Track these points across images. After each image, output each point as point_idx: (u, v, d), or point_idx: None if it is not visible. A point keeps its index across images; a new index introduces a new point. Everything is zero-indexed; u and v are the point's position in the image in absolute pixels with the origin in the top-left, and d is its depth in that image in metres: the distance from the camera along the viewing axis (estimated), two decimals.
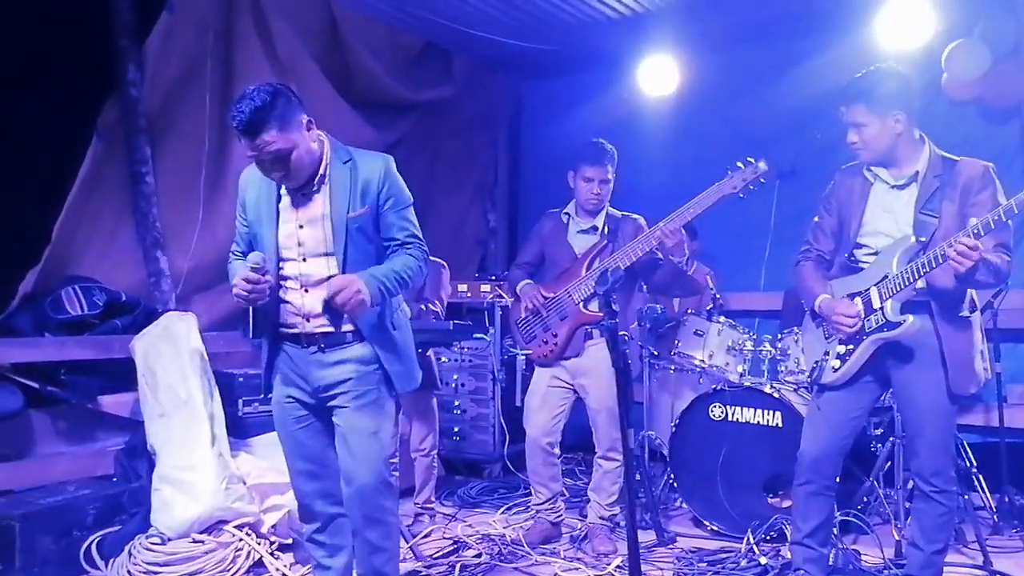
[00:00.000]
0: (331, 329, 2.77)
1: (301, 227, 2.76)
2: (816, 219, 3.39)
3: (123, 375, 4.26)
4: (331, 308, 2.71)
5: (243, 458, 4.13)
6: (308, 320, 2.78)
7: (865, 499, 4.20)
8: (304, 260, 2.76)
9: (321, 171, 2.77)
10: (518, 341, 4.23)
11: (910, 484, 3.86)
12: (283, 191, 2.79)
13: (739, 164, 3.76)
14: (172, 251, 4.70)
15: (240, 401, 4.46)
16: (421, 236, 2.89)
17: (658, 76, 5.84)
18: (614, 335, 2.48)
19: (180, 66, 4.66)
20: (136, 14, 4.46)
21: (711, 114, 5.95)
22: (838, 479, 3.25)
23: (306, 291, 2.77)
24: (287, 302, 2.80)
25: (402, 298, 2.97)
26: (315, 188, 2.77)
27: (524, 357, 4.95)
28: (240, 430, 4.35)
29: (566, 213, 4.16)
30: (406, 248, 2.83)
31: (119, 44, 4.43)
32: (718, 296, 4.68)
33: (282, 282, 2.79)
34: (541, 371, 4.13)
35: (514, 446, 5.30)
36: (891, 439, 4.02)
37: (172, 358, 4.04)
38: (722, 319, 4.49)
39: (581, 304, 3.96)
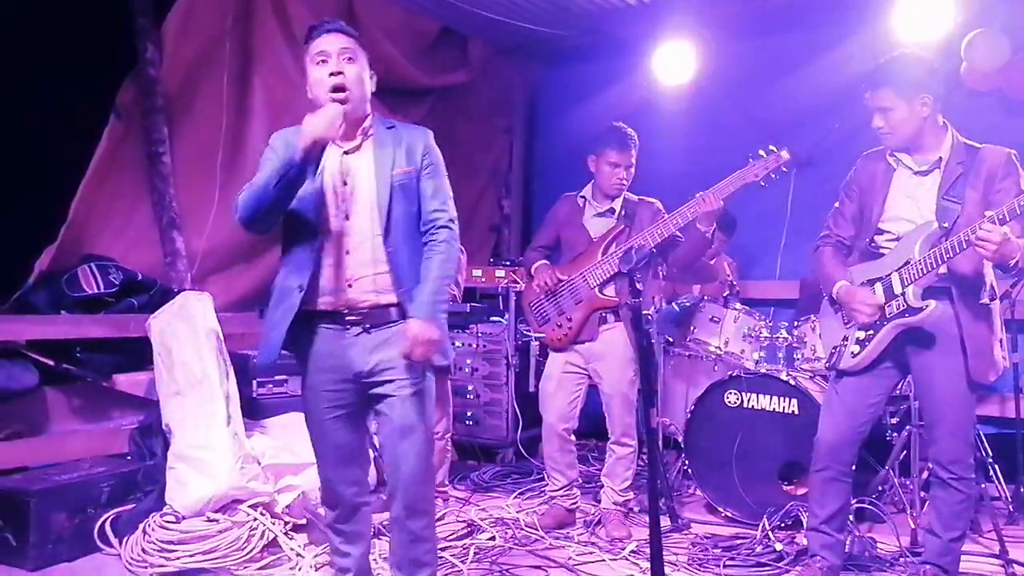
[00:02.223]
0: (374, 301, 2.66)
1: (344, 183, 2.67)
2: (837, 205, 3.38)
3: (138, 354, 4.27)
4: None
5: (257, 438, 4.13)
6: (350, 286, 2.65)
7: (880, 488, 4.18)
8: (347, 218, 2.66)
9: (366, 126, 2.72)
10: (532, 323, 4.23)
11: (925, 474, 3.87)
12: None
13: (761, 152, 3.72)
14: (188, 231, 4.70)
15: (254, 382, 4.46)
16: (454, 213, 2.81)
17: (675, 63, 5.80)
18: (638, 315, 2.46)
19: (198, 46, 4.66)
20: None
21: (728, 102, 5.92)
22: (854, 467, 3.24)
23: (347, 252, 2.65)
24: (328, 264, 2.64)
25: None
26: (360, 142, 2.71)
27: (537, 343, 4.95)
28: (254, 411, 4.36)
29: (582, 196, 4.14)
30: (441, 234, 2.73)
31: (138, 24, 4.43)
32: (735, 284, 4.66)
33: (322, 241, 2.64)
34: (555, 356, 4.11)
35: (527, 431, 5.30)
36: (907, 428, 3.99)
37: (188, 337, 4.04)
38: (738, 306, 4.47)
39: (597, 288, 3.95)
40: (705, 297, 4.73)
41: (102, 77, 4.39)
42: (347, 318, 2.66)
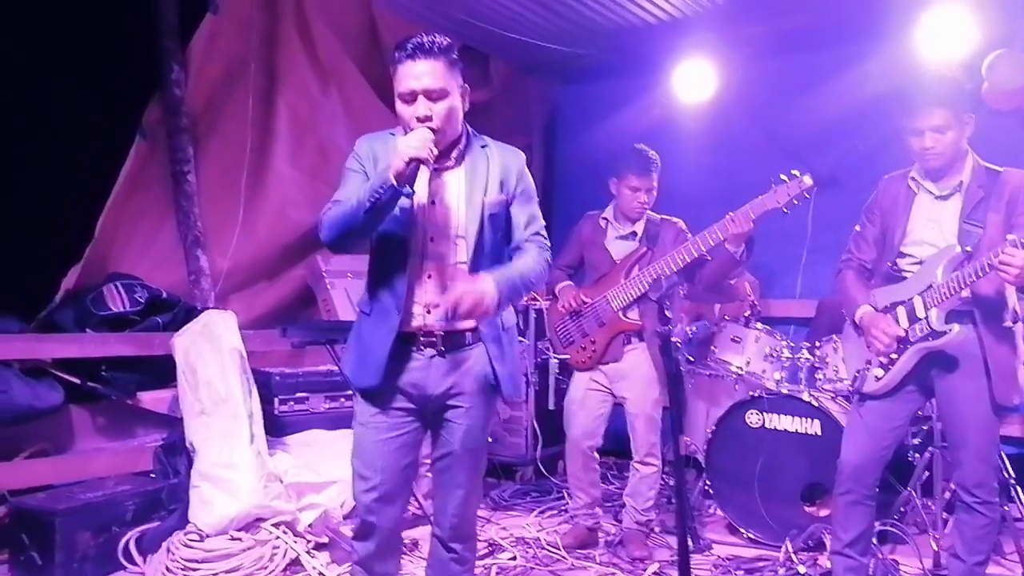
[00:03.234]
0: (449, 328, 2.58)
1: (433, 203, 2.59)
2: (858, 228, 3.37)
3: (162, 371, 4.30)
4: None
5: (279, 456, 4.16)
6: (428, 312, 2.57)
7: (902, 509, 4.16)
8: (432, 240, 2.57)
9: (461, 147, 2.61)
10: (555, 345, 4.24)
11: (948, 494, 3.85)
12: None
13: (783, 178, 3.65)
14: (212, 250, 4.76)
15: (276, 399, 4.49)
16: (547, 235, 2.73)
17: (695, 82, 5.82)
18: (667, 342, 2.46)
19: (223, 67, 4.73)
20: (181, 15, 4.53)
21: (748, 120, 5.91)
22: (877, 489, 3.22)
23: (429, 276, 2.58)
24: (413, 289, 2.57)
25: None
26: (452, 164, 2.60)
27: (557, 361, 4.95)
28: (276, 428, 4.39)
29: (604, 217, 4.15)
30: (532, 244, 2.67)
31: (164, 44, 4.50)
32: (756, 304, 4.66)
33: (408, 262, 2.56)
34: (579, 375, 4.12)
35: (547, 449, 5.30)
36: (930, 449, 3.97)
37: (212, 356, 4.07)
38: (759, 326, 4.47)
39: (620, 312, 3.95)
40: (726, 317, 4.72)
41: (128, 97, 4.46)
42: (422, 340, 2.59)
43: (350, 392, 2.83)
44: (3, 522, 3.67)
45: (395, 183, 2.37)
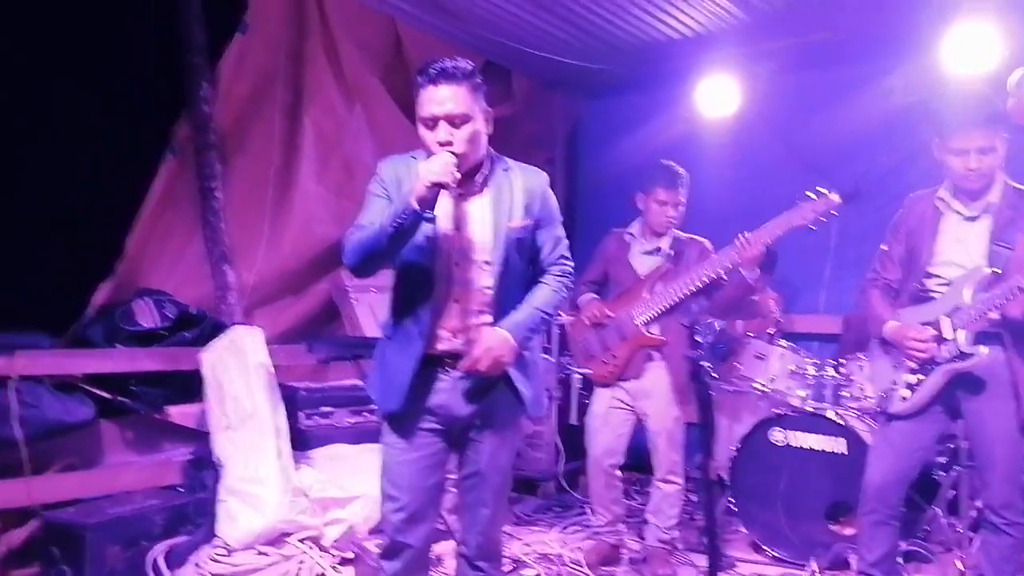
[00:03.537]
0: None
1: (459, 229, 2.61)
2: (884, 247, 3.37)
3: (189, 385, 4.33)
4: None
5: (305, 471, 4.18)
6: (456, 336, 2.61)
7: (927, 527, 4.13)
8: (458, 265, 2.59)
9: (484, 172, 2.64)
10: (577, 359, 4.26)
11: (973, 513, 3.83)
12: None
13: (810, 195, 3.65)
14: (238, 265, 4.80)
15: (301, 414, 4.52)
16: (570, 255, 2.78)
17: (718, 97, 5.81)
18: (698, 368, 2.48)
19: (251, 85, 4.78)
20: (210, 34, 4.58)
21: (772, 135, 5.91)
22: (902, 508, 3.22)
23: (456, 301, 2.60)
24: (434, 311, 2.59)
25: None
26: (476, 189, 2.62)
27: (580, 376, 4.96)
28: (301, 442, 4.41)
29: (630, 233, 4.17)
30: (555, 270, 2.72)
31: (193, 62, 4.55)
32: (780, 320, 4.65)
33: (433, 287, 2.58)
34: (601, 392, 4.13)
35: (569, 464, 5.30)
36: (955, 468, 3.95)
37: (239, 371, 4.11)
38: (784, 343, 4.46)
39: (643, 327, 3.97)
40: (750, 333, 4.71)
41: (158, 115, 4.52)
42: (448, 363, 2.62)
43: (374, 406, 2.85)
44: (34, 536, 3.71)
45: (417, 208, 2.39)
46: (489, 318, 2.61)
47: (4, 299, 3.84)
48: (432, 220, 2.46)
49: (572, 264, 2.80)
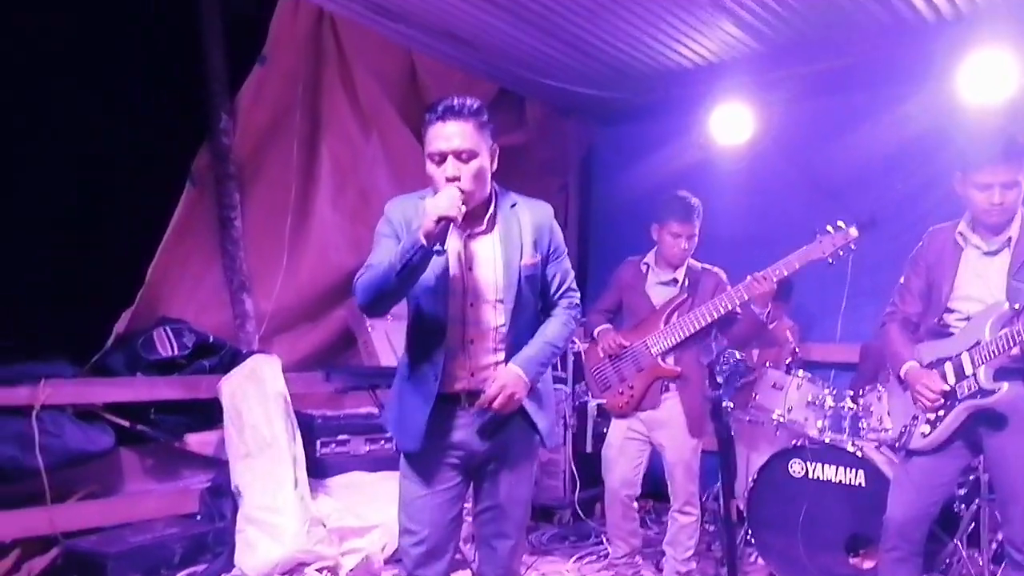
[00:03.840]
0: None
1: (470, 269, 2.63)
2: (902, 280, 3.36)
3: (207, 413, 4.38)
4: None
5: (322, 500, 4.21)
6: (472, 375, 2.63)
7: (948, 560, 4.11)
8: (472, 305, 2.62)
9: (491, 211, 2.65)
10: (592, 390, 4.26)
11: (994, 545, 3.81)
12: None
13: (829, 229, 3.68)
14: (256, 293, 4.85)
15: (318, 442, 4.54)
16: (576, 286, 2.82)
17: (732, 124, 5.83)
18: (718, 407, 2.49)
19: (269, 115, 4.84)
20: (229, 66, 4.65)
21: (786, 163, 5.90)
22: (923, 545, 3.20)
23: (471, 341, 2.63)
24: (449, 351, 2.61)
25: None
26: (484, 228, 2.65)
27: (595, 404, 4.96)
28: (318, 470, 4.44)
29: (645, 263, 4.18)
30: (563, 303, 2.76)
31: (213, 94, 4.61)
32: (797, 350, 4.65)
33: (446, 327, 2.61)
34: (617, 422, 4.13)
35: (584, 492, 5.29)
36: (977, 501, 3.93)
37: (258, 400, 4.14)
38: (801, 373, 4.44)
39: (659, 357, 3.97)
40: (767, 363, 4.70)
41: (179, 145, 4.58)
42: (466, 401, 2.64)
43: (390, 434, 2.87)
44: (56, 564, 3.74)
45: (425, 243, 2.40)
46: (502, 355, 2.65)
47: (28, 328, 3.90)
48: (441, 254, 2.48)
49: (579, 295, 2.84)
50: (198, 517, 4.19)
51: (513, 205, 2.71)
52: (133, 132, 4.24)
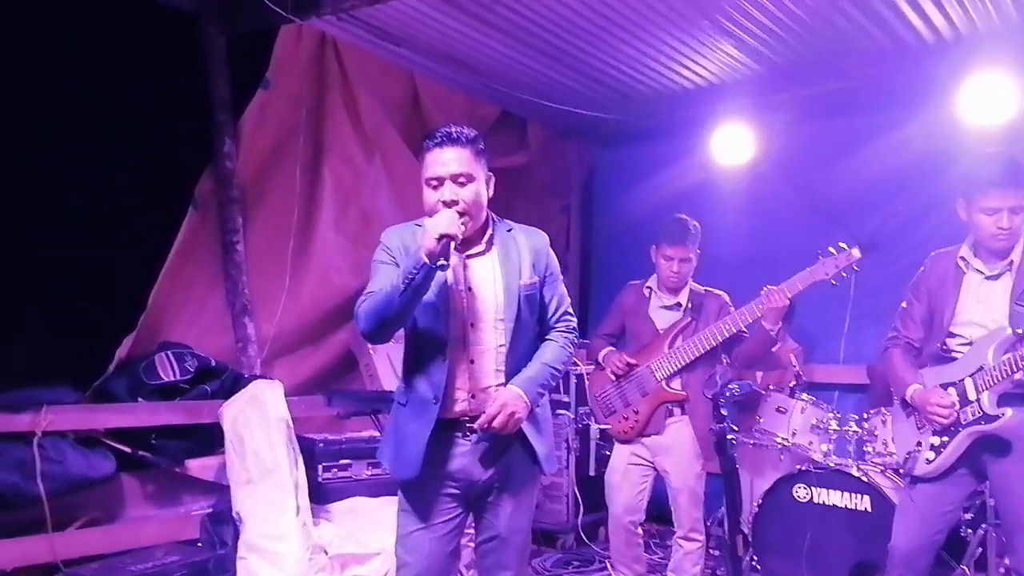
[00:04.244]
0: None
1: (470, 290, 2.65)
2: (904, 305, 3.36)
3: (209, 438, 4.37)
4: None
5: (324, 526, 4.18)
6: (473, 396, 2.62)
7: None
8: (472, 326, 2.62)
9: (489, 232, 2.69)
10: (597, 415, 4.23)
11: (1001, 571, 3.78)
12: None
13: (831, 250, 3.69)
14: (258, 317, 4.85)
15: (320, 467, 4.51)
16: (572, 311, 2.84)
17: (733, 145, 5.83)
18: (722, 439, 2.47)
19: (272, 139, 4.86)
20: (233, 90, 4.67)
21: (787, 184, 5.91)
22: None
23: (472, 361, 2.63)
24: (450, 373, 2.61)
25: None
26: (483, 250, 2.68)
27: (598, 428, 4.93)
28: (319, 496, 4.41)
29: (648, 287, 4.17)
30: (560, 326, 2.78)
31: (216, 119, 4.63)
32: (801, 373, 4.63)
33: (447, 350, 2.60)
34: (620, 448, 4.11)
35: (588, 516, 5.26)
36: (983, 526, 3.91)
37: (260, 426, 4.13)
38: (805, 396, 4.43)
39: (663, 382, 3.96)
40: (770, 387, 4.69)
41: (182, 170, 4.59)
42: (467, 426, 2.62)
43: (386, 468, 2.85)
44: None
45: (427, 261, 2.41)
46: (503, 376, 2.65)
47: (30, 353, 3.90)
48: (445, 268, 2.48)
49: (576, 320, 2.85)
50: (199, 544, 4.16)
51: (509, 230, 2.75)
52: (136, 157, 4.25)
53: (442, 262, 2.43)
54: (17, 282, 3.83)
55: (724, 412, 2.58)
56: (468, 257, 2.66)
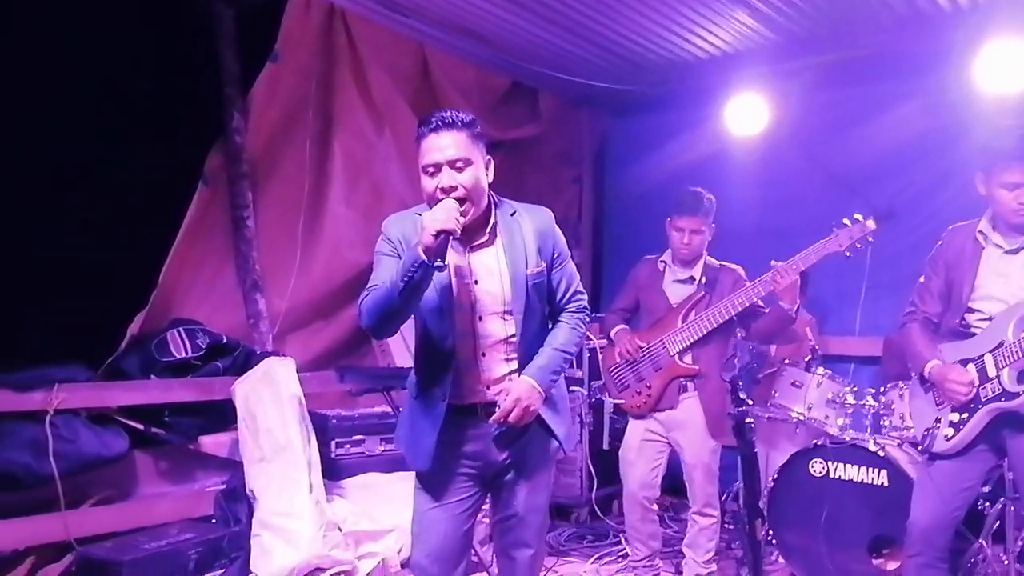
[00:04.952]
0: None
1: (476, 282, 2.61)
2: (922, 280, 3.30)
3: (221, 414, 4.36)
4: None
5: (337, 503, 4.18)
6: (487, 388, 2.61)
7: (973, 560, 4.05)
8: (481, 319, 2.59)
9: (492, 222, 2.63)
10: (610, 390, 4.21)
11: (1020, 544, 3.75)
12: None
13: (845, 221, 3.65)
14: (269, 292, 4.82)
15: (333, 442, 4.52)
16: (583, 288, 2.80)
17: (747, 115, 5.74)
18: (741, 424, 2.44)
19: (282, 113, 4.80)
20: (242, 64, 4.61)
21: (802, 153, 5.82)
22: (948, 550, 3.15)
23: (483, 354, 2.61)
24: (461, 366, 2.60)
25: None
26: (487, 240, 2.62)
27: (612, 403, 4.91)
28: (332, 471, 4.42)
29: (662, 261, 4.12)
30: (570, 307, 2.75)
31: (225, 93, 4.58)
32: (816, 347, 4.58)
33: (455, 343, 2.58)
34: (635, 423, 4.09)
35: (602, 490, 5.25)
36: (1001, 500, 3.87)
37: (272, 403, 4.12)
38: (821, 371, 4.39)
39: (676, 356, 3.92)
40: (785, 360, 4.64)
41: (191, 145, 4.54)
42: (483, 412, 2.61)
43: (402, 453, 2.84)
44: (70, 571, 3.73)
45: (425, 259, 2.36)
46: (515, 364, 2.63)
47: (41, 332, 3.88)
48: (443, 269, 2.42)
49: (586, 297, 2.81)
50: (213, 520, 4.17)
51: (513, 213, 2.68)
52: (145, 132, 4.20)
53: (439, 263, 2.37)
54: (28, 261, 3.81)
55: (743, 396, 2.53)
56: (472, 249, 2.61)
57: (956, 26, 4.86)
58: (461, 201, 2.47)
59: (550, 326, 2.75)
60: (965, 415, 3.01)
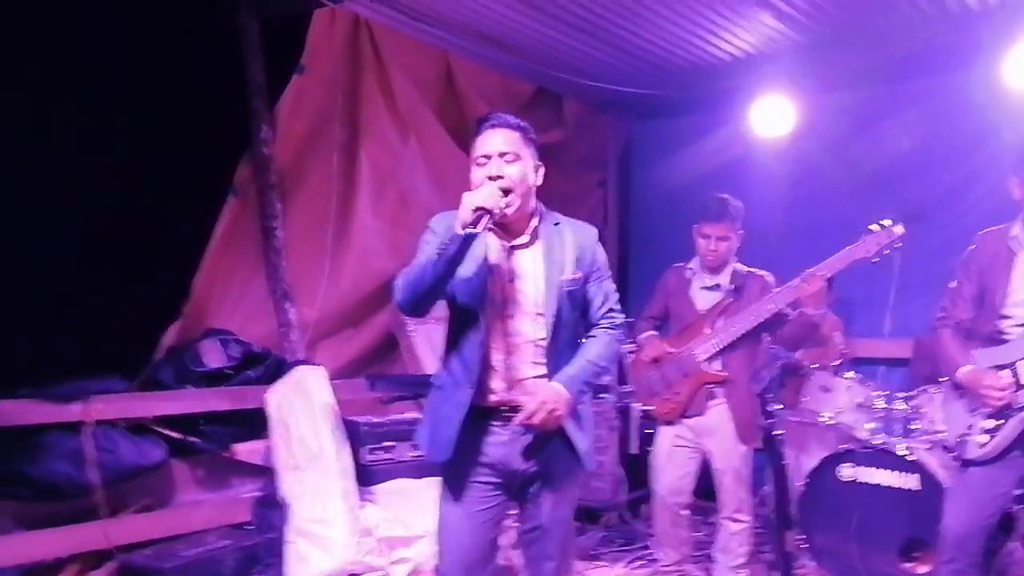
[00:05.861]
0: None
1: (512, 281, 2.63)
2: (954, 285, 3.28)
3: (254, 422, 4.42)
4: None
5: (370, 509, 4.22)
6: (510, 388, 2.61)
7: (1005, 562, 4.03)
8: (511, 317, 2.62)
9: (534, 224, 2.66)
10: (639, 396, 4.22)
11: None
12: (489, 241, 2.63)
13: (872, 228, 3.64)
14: (299, 301, 4.88)
15: (364, 449, 4.55)
16: (620, 307, 2.80)
17: (772, 117, 5.73)
18: (771, 437, 2.45)
19: (309, 124, 4.86)
20: (268, 76, 4.67)
21: (828, 154, 5.79)
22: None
23: (509, 353, 2.61)
24: (489, 362, 2.60)
25: None
26: (528, 242, 2.65)
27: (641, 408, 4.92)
28: (364, 478, 4.45)
29: (690, 268, 4.13)
30: (604, 323, 2.74)
31: (253, 105, 4.64)
32: (845, 350, 4.57)
33: (486, 339, 2.59)
34: (664, 429, 4.08)
35: (631, 494, 5.26)
36: None
37: (304, 411, 4.17)
38: (850, 374, 4.37)
39: (704, 363, 3.93)
40: (813, 364, 4.63)
41: (220, 158, 4.61)
42: (505, 414, 2.61)
43: (422, 452, 2.85)
44: None
45: (461, 233, 2.41)
46: (543, 370, 2.63)
47: (78, 344, 3.96)
48: (476, 236, 2.45)
49: (623, 317, 2.80)
50: (250, 527, 4.23)
51: (557, 223, 2.71)
52: (175, 144, 4.27)
53: (471, 230, 2.40)
54: (63, 275, 3.88)
55: (771, 409, 2.53)
56: (512, 249, 2.65)
57: (984, 24, 4.83)
58: (506, 192, 2.51)
59: (582, 343, 2.75)
60: (1001, 421, 2.99)
